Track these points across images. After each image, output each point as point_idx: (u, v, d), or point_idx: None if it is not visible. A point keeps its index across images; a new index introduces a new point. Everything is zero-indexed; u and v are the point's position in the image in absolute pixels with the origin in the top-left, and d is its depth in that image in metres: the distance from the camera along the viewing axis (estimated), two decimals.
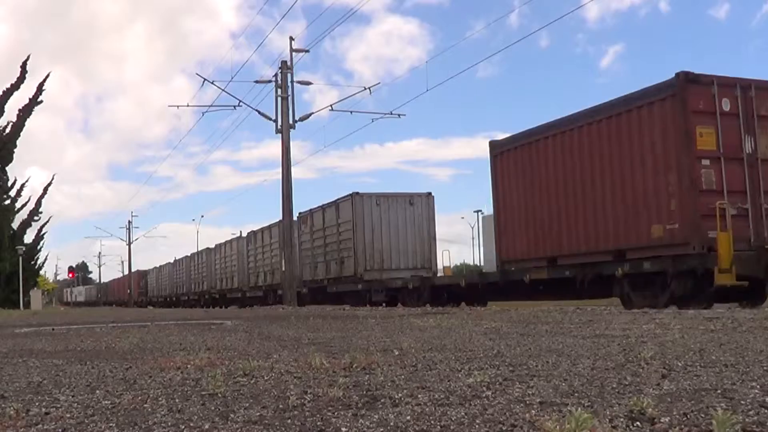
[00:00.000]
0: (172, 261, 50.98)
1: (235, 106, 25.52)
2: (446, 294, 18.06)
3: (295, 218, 25.22)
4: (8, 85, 36.41)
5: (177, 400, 3.02)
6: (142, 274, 63.18)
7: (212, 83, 27.13)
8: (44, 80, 37.43)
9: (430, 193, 22.85)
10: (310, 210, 25.21)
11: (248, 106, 25.50)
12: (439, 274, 21.90)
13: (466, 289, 17.07)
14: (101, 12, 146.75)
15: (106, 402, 3.03)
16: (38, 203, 42.25)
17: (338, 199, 23.12)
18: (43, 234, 45.78)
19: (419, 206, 22.29)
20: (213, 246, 39.83)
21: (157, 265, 57.11)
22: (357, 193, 22.06)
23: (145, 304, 54.90)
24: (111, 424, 2.55)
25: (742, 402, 2.59)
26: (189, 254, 45.57)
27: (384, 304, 19.11)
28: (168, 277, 51.53)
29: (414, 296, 19.16)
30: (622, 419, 2.35)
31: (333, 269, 23.38)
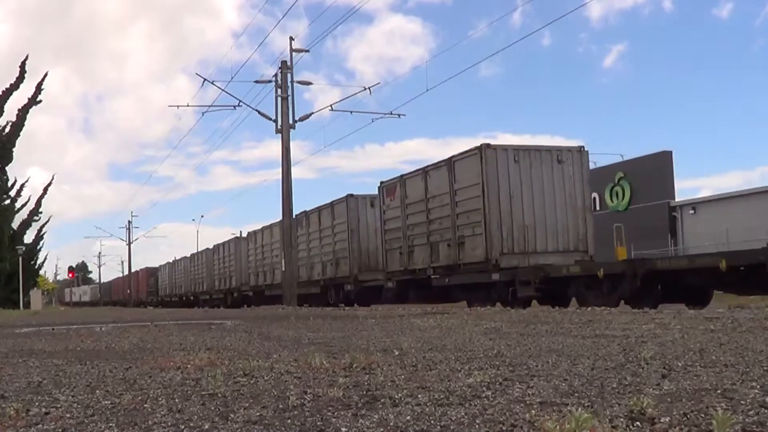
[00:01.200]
0: (188, 255, 45.40)
1: (235, 106, 25.52)
2: (664, 285, 12.58)
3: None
4: (7, 85, 36.45)
5: (177, 400, 3.02)
6: (151, 272, 57.92)
7: (212, 83, 27.11)
8: (42, 80, 37.51)
9: (582, 147, 16.16)
10: (402, 176, 18.70)
11: (248, 106, 25.51)
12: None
13: (719, 277, 11.53)
14: (103, 11, 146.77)
15: (106, 402, 3.03)
16: (38, 203, 42.34)
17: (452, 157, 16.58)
18: (43, 234, 45.91)
19: (569, 165, 15.88)
20: (244, 235, 33.52)
21: (170, 260, 51.61)
22: (488, 145, 15.51)
23: (156, 304, 50.77)
24: (111, 424, 2.55)
25: (742, 402, 2.59)
26: (211, 246, 39.56)
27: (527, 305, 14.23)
28: (183, 273, 45.96)
29: (600, 288, 13.32)
30: (622, 419, 2.35)
31: (443, 254, 16.81)
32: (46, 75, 38.52)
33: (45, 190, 43.32)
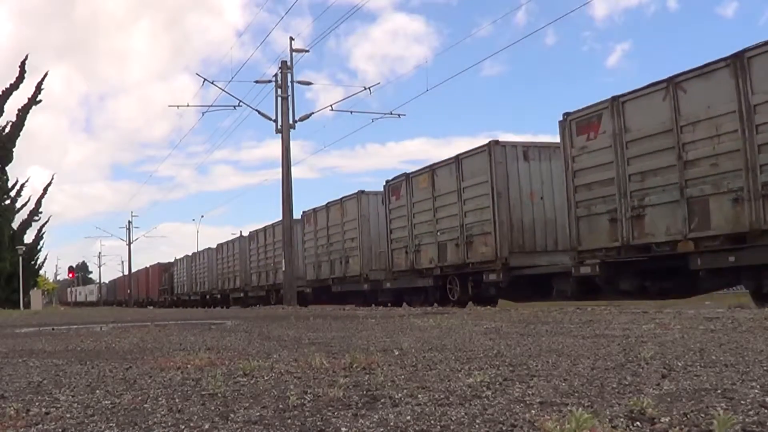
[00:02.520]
0: (214, 246, 39.76)
1: (235, 106, 25.56)
2: None
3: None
4: (7, 85, 36.46)
5: (177, 400, 3.02)
6: (165, 267, 52.47)
7: (212, 83, 27.19)
8: (42, 79, 37.50)
9: None
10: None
11: (248, 106, 25.54)
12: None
13: None
14: (105, 10, 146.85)
15: (106, 402, 3.03)
16: (38, 203, 42.33)
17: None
18: (43, 234, 45.87)
19: None
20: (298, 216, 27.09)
21: (188, 253, 46.30)
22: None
23: (171, 304, 46.12)
24: (111, 424, 2.55)
25: (742, 402, 2.59)
26: (247, 234, 33.32)
27: None
28: (207, 267, 39.89)
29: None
30: (622, 419, 2.35)
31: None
32: (46, 75, 38.71)
33: (45, 190, 43.35)
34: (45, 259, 76.06)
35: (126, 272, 66.84)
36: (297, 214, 25.79)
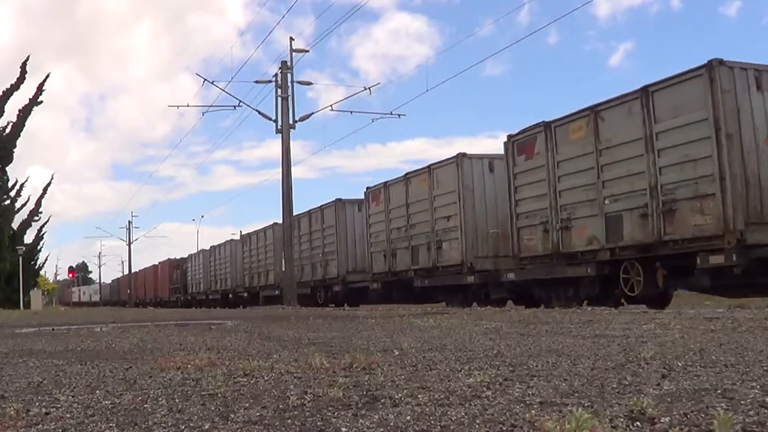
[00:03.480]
0: (237, 237, 34.99)
1: (235, 107, 25.58)
2: None
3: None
4: (8, 85, 36.46)
5: (177, 400, 3.02)
6: (177, 264, 47.42)
7: (212, 83, 27.19)
8: (44, 80, 37.48)
9: None
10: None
11: (248, 106, 25.57)
12: None
13: None
14: (106, 9, 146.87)
15: (106, 402, 3.03)
16: (38, 203, 42.34)
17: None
18: (43, 234, 45.87)
19: None
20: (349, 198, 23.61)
21: (205, 247, 41.23)
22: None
23: (185, 303, 41.68)
24: (111, 424, 2.55)
25: (742, 402, 2.59)
26: (284, 218, 25.32)
27: None
28: (230, 262, 34.79)
29: None
30: (622, 419, 2.35)
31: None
32: (48, 76, 38.61)
33: (45, 190, 43.35)
34: (45, 259, 76.11)
35: (126, 272, 66.40)
36: (297, 214, 25.76)
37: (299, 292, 24.73)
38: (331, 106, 26.21)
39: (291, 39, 24.70)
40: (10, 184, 38.56)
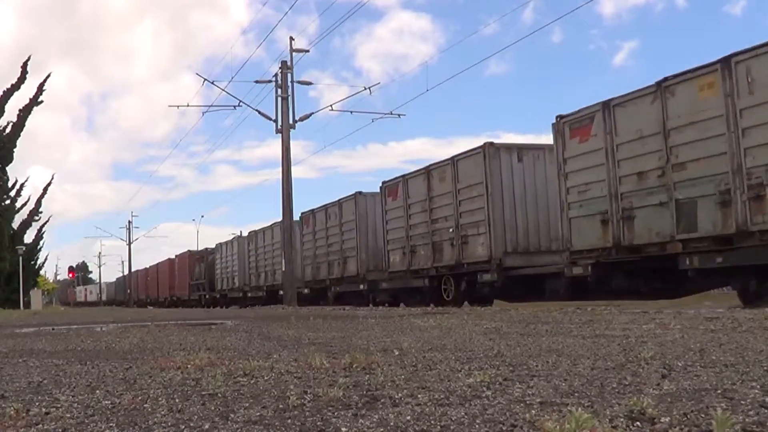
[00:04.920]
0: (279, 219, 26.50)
1: (235, 106, 25.58)
2: None
3: None
4: (9, 85, 36.48)
5: (177, 400, 3.02)
6: (200, 256, 41.00)
7: (212, 83, 27.20)
8: (44, 80, 37.53)
9: None
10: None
11: (248, 106, 25.57)
12: None
13: None
14: (109, 8, 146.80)
15: (106, 402, 3.03)
16: (38, 203, 42.37)
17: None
18: (43, 234, 45.89)
19: None
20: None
21: (238, 234, 35.18)
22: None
23: (210, 302, 36.41)
24: (111, 424, 2.55)
25: (742, 402, 2.59)
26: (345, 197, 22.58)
27: None
28: (271, 251, 28.73)
29: None
30: (622, 419, 2.35)
31: None
32: (48, 76, 38.70)
33: (45, 189, 43.37)
34: (45, 259, 76.00)
35: (126, 272, 65.90)
36: (297, 215, 25.69)
37: (347, 290, 22.44)
38: (331, 106, 26.20)
39: (291, 39, 24.74)
40: (10, 184, 38.61)
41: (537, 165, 15.73)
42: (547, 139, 14.48)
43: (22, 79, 36.55)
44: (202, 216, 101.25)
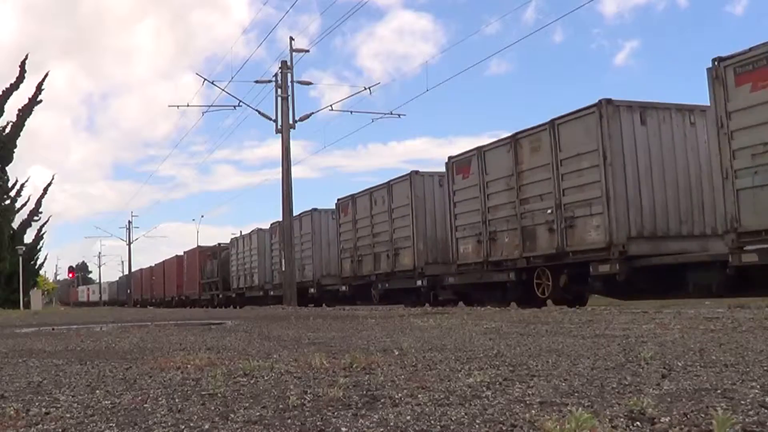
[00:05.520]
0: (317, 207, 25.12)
1: (235, 106, 25.58)
2: None
3: None
4: (8, 85, 36.47)
5: (177, 400, 3.02)
6: (211, 252, 38.11)
7: (212, 83, 27.18)
8: (43, 80, 37.47)
9: None
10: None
11: (248, 106, 25.58)
12: None
13: None
14: (110, 7, 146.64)
15: (106, 402, 3.03)
16: (38, 203, 42.31)
17: None
18: (43, 234, 45.82)
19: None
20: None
21: (261, 226, 32.04)
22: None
23: (223, 302, 33.79)
24: (111, 424, 2.55)
25: (742, 402, 2.59)
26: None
27: None
28: (312, 241, 25.10)
29: None
30: (622, 419, 2.35)
31: None
32: (46, 75, 38.58)
33: (45, 190, 43.29)
34: (45, 259, 75.94)
35: (126, 272, 65.68)
36: (297, 214, 25.60)
37: (399, 287, 19.43)
38: (331, 106, 26.20)
39: (291, 39, 24.74)
40: (10, 184, 38.58)
41: (663, 129, 12.70)
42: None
43: (20, 78, 36.53)
44: (202, 216, 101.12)
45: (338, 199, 23.05)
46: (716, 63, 10.39)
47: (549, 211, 13.55)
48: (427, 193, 18.64)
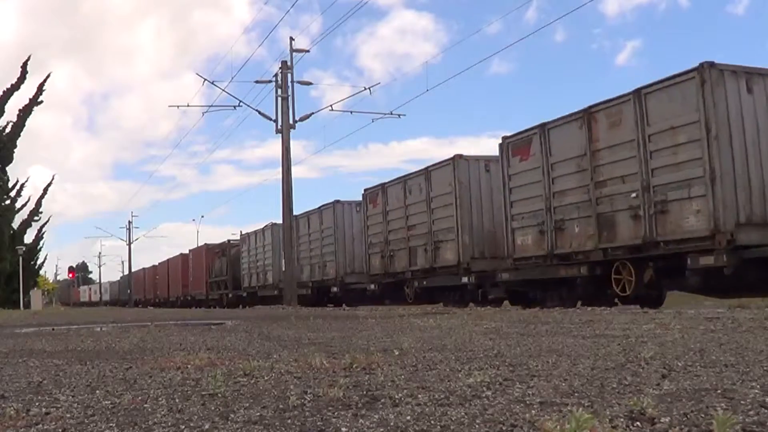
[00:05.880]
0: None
1: (235, 107, 25.58)
2: None
3: None
4: (8, 85, 36.48)
5: (177, 400, 3.02)
6: (220, 249, 36.07)
7: (212, 83, 27.18)
8: (44, 80, 37.48)
9: None
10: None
11: (248, 106, 25.57)
12: None
13: None
14: (111, 7, 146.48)
15: (106, 402, 3.03)
16: (38, 203, 42.30)
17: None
18: (43, 234, 45.82)
19: None
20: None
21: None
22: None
23: (233, 302, 31.73)
24: (111, 424, 2.55)
25: (742, 402, 2.59)
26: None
27: None
28: (335, 236, 23.15)
29: None
30: (622, 419, 2.35)
31: None
32: (48, 76, 38.59)
33: (45, 190, 43.26)
34: (45, 259, 75.92)
35: (126, 272, 65.62)
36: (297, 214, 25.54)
37: (440, 284, 17.31)
38: (331, 106, 26.13)
39: (291, 39, 24.75)
40: (10, 184, 38.59)
41: None
42: None
43: (22, 78, 36.55)
44: (202, 216, 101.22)
45: (365, 190, 21.03)
46: None
47: (634, 194, 11.58)
48: (472, 180, 16.48)
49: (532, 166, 13.82)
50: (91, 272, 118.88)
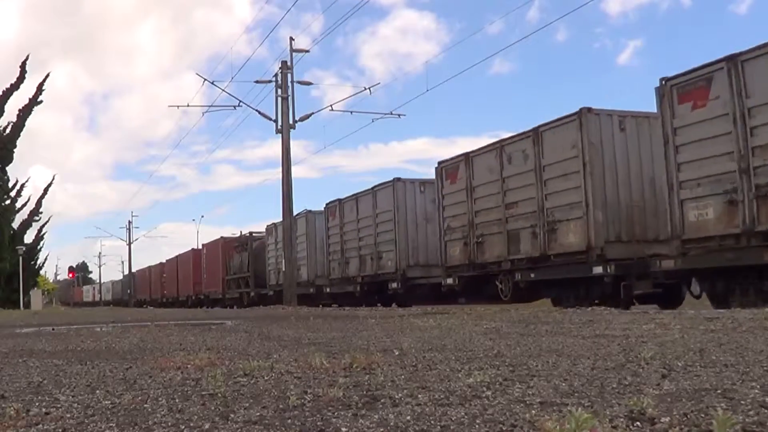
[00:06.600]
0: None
1: (235, 107, 25.56)
2: None
3: None
4: (8, 85, 36.48)
5: (177, 400, 3.02)
6: (238, 244, 33.04)
7: (212, 83, 27.17)
8: (44, 80, 37.52)
9: None
10: None
11: (248, 106, 25.54)
12: None
13: None
14: (112, 6, 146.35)
15: (106, 402, 3.03)
16: (38, 203, 42.32)
17: None
18: (43, 234, 45.83)
19: None
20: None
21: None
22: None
23: (254, 301, 28.54)
24: (111, 424, 2.55)
25: (742, 402, 2.59)
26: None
27: None
28: (395, 222, 19.28)
29: None
30: (622, 419, 2.35)
31: None
32: (47, 76, 38.57)
33: (45, 190, 43.29)
34: (45, 259, 75.90)
35: (126, 272, 65.49)
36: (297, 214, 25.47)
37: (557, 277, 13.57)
38: (331, 106, 26.14)
39: (291, 39, 24.74)
40: (10, 184, 38.60)
41: None
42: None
43: (21, 78, 36.57)
44: (203, 216, 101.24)
45: (439, 162, 17.20)
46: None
47: None
48: (605, 140, 12.82)
49: (710, 115, 10.18)
50: (91, 272, 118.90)
